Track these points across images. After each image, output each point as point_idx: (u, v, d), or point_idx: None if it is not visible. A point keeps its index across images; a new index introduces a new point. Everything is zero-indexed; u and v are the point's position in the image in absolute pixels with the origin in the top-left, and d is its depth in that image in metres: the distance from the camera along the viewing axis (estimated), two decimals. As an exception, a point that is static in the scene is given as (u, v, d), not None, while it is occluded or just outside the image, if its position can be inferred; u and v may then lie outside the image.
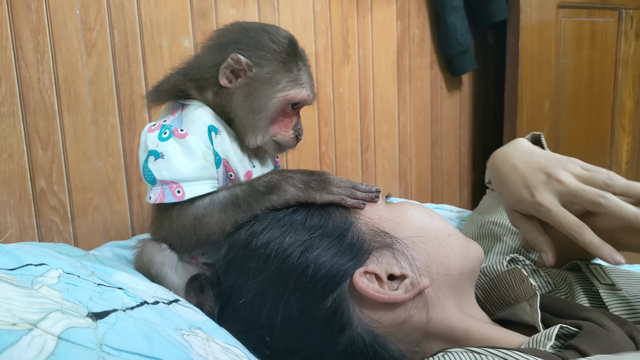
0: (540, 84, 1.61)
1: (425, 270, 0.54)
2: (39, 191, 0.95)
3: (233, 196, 0.57)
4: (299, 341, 0.52)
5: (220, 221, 0.57)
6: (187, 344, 0.42)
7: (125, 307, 0.43)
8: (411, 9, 1.52)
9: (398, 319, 0.52)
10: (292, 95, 0.61)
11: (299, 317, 0.51)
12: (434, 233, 0.57)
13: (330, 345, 0.52)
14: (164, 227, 0.59)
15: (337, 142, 1.41)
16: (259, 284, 0.53)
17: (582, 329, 0.48)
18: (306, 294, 0.51)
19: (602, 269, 0.64)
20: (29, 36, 0.92)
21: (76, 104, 0.98)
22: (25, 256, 0.46)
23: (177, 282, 0.58)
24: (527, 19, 1.55)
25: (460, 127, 1.71)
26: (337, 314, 0.51)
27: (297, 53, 0.62)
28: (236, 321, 0.54)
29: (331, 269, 0.52)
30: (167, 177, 0.57)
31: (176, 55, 1.08)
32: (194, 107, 0.61)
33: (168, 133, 0.58)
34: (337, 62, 1.38)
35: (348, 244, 0.54)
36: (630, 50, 1.79)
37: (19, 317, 0.33)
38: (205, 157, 0.59)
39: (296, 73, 0.62)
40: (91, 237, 1.02)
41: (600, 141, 1.79)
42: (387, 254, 0.54)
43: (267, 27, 0.62)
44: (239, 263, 0.55)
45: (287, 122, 0.64)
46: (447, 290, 0.55)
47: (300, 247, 0.53)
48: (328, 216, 0.56)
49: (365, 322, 0.52)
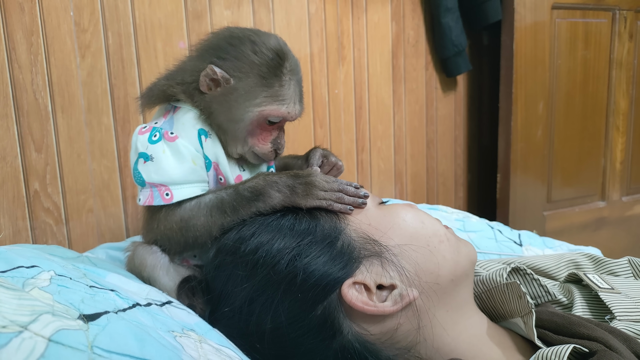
0: (535, 84, 1.61)
1: (415, 279, 0.54)
2: (32, 193, 0.95)
3: (219, 200, 0.57)
4: (289, 348, 0.52)
5: (207, 224, 0.57)
6: (179, 345, 0.42)
7: (117, 309, 0.43)
8: (406, 10, 1.53)
9: (387, 329, 0.52)
10: (268, 112, 0.59)
11: (288, 326, 0.51)
12: (425, 240, 0.56)
13: (320, 352, 0.52)
14: (153, 229, 0.59)
15: (333, 143, 1.41)
16: (247, 291, 0.53)
17: (596, 353, 0.48)
18: (295, 303, 0.51)
19: (600, 277, 0.64)
20: (22, 38, 0.92)
21: (70, 105, 0.98)
22: (16, 258, 0.45)
23: (169, 284, 0.58)
24: (521, 20, 1.56)
25: (455, 128, 1.71)
26: (327, 322, 0.51)
27: (281, 66, 0.59)
28: (226, 327, 0.54)
29: (320, 278, 0.51)
30: (156, 179, 0.57)
31: (170, 57, 1.08)
32: (185, 111, 0.61)
33: (158, 136, 0.58)
34: (332, 63, 1.38)
35: (338, 252, 0.53)
36: (624, 51, 1.80)
37: (9, 320, 0.33)
38: (195, 161, 0.59)
39: (277, 89, 0.58)
40: (85, 239, 1.01)
41: (594, 141, 1.80)
42: (376, 264, 0.54)
43: (256, 36, 0.60)
44: (227, 269, 0.55)
45: (265, 135, 0.61)
46: (438, 298, 0.55)
47: (289, 254, 0.52)
48: (317, 222, 0.56)
49: (355, 330, 0.52)
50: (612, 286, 0.62)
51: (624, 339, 0.51)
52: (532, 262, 0.76)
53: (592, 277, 0.65)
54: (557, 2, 1.63)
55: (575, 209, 1.80)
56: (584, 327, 0.53)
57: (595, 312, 0.61)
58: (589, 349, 0.49)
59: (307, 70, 1.33)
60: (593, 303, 0.63)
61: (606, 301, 0.59)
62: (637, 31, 1.82)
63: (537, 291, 0.66)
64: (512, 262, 0.76)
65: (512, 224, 1.60)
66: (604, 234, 1.86)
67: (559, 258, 0.76)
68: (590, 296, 0.64)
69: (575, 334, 0.53)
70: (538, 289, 0.66)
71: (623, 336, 0.52)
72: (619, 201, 1.89)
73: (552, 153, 1.71)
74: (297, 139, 1.33)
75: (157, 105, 0.65)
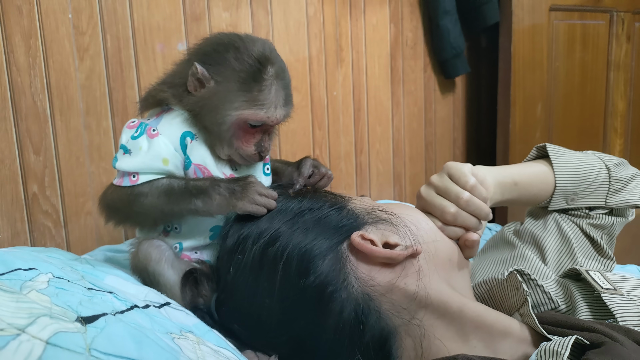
0: (533, 86, 1.62)
1: (419, 240, 0.57)
2: (31, 196, 0.95)
3: (170, 187, 0.61)
4: (296, 308, 0.54)
5: (152, 205, 0.60)
6: (177, 347, 0.42)
7: (115, 311, 0.43)
8: (404, 12, 1.53)
9: (392, 279, 0.54)
10: (246, 116, 0.60)
11: (296, 281, 0.54)
12: (424, 219, 0.62)
13: (324, 309, 0.53)
14: (106, 194, 0.63)
15: (331, 145, 1.41)
16: (255, 256, 0.57)
17: (603, 344, 0.48)
18: (302, 258, 0.54)
19: (603, 275, 0.64)
20: (20, 40, 0.92)
21: (68, 108, 0.98)
22: (14, 261, 0.45)
23: (174, 277, 0.60)
24: (519, 22, 1.56)
25: (454, 130, 1.71)
26: (331, 273, 0.53)
27: (261, 72, 0.60)
28: (235, 300, 0.57)
29: (325, 235, 0.56)
30: (126, 169, 0.61)
31: (169, 59, 1.07)
32: (176, 114, 0.63)
33: (140, 131, 0.61)
34: (330, 65, 1.38)
35: (342, 217, 0.59)
36: (622, 53, 1.81)
37: (6, 323, 0.33)
38: (169, 160, 0.61)
39: (255, 93, 0.60)
40: (84, 242, 1.01)
41: (592, 143, 1.80)
42: (382, 226, 0.58)
43: (241, 42, 0.61)
44: (236, 248, 0.59)
45: (248, 138, 0.63)
46: (438, 268, 0.57)
47: (294, 220, 0.58)
48: (322, 201, 0.61)
49: (361, 281, 0.54)
50: (614, 286, 0.62)
51: (625, 331, 0.52)
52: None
53: (593, 274, 0.64)
54: (554, 4, 1.63)
55: (574, 210, 1.80)
56: (585, 322, 0.54)
57: (596, 314, 0.61)
58: (591, 341, 0.49)
59: (306, 73, 1.34)
60: (594, 305, 0.62)
61: (608, 303, 0.59)
62: (634, 33, 1.83)
63: (541, 298, 0.66)
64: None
65: (510, 226, 1.60)
66: (603, 235, 1.86)
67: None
68: (592, 297, 0.63)
69: (576, 326, 0.53)
70: (541, 295, 0.66)
71: (624, 329, 0.52)
72: (617, 202, 1.89)
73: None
74: (295, 141, 1.33)
75: (152, 109, 0.67)
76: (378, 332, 0.53)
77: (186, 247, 0.65)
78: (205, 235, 0.65)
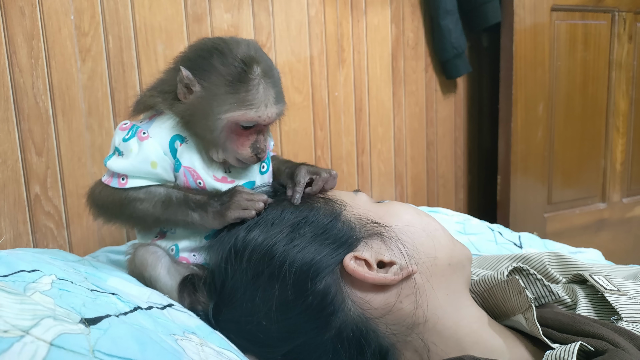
0: (535, 86, 1.62)
1: (414, 256, 0.56)
2: (33, 197, 0.95)
3: (168, 197, 0.61)
4: (294, 326, 0.54)
5: (146, 211, 0.61)
6: (180, 349, 0.42)
7: (118, 312, 0.43)
8: (405, 12, 1.53)
9: (388, 302, 0.54)
10: (236, 117, 0.59)
11: (293, 300, 0.53)
12: (421, 226, 0.60)
13: (323, 328, 0.53)
14: (94, 193, 0.64)
15: (333, 146, 1.41)
16: (252, 270, 0.56)
17: (603, 353, 0.48)
18: (299, 277, 0.53)
19: (606, 279, 0.64)
20: (22, 41, 0.92)
21: (70, 109, 0.98)
22: (18, 262, 0.45)
23: (170, 283, 0.60)
24: (521, 22, 1.56)
25: (455, 130, 1.71)
26: (329, 295, 0.53)
27: (247, 72, 0.59)
28: (232, 310, 0.56)
29: (322, 254, 0.54)
30: (117, 170, 0.62)
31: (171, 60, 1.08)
32: (167, 117, 0.63)
33: (131, 134, 0.62)
34: (332, 65, 1.38)
35: (338, 232, 0.57)
36: (624, 52, 1.80)
37: (10, 324, 0.33)
38: (157, 163, 0.61)
39: (243, 94, 0.59)
40: (86, 243, 1.02)
41: (594, 143, 1.80)
42: (376, 242, 0.56)
43: (225, 45, 0.61)
44: (232, 258, 0.58)
45: (243, 140, 0.62)
46: (436, 280, 0.56)
47: (291, 234, 0.56)
48: (315, 211, 0.59)
49: (357, 304, 0.54)
50: (618, 288, 0.62)
51: (630, 337, 0.51)
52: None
53: (597, 278, 0.65)
54: (556, 4, 1.63)
55: (576, 210, 1.80)
56: (589, 326, 0.53)
57: (600, 313, 0.61)
58: (595, 348, 0.49)
59: (307, 73, 1.34)
60: (598, 304, 0.62)
61: (612, 302, 0.59)
62: (636, 32, 1.83)
63: (541, 291, 0.66)
64: (513, 257, 0.77)
65: (512, 226, 1.60)
66: (605, 235, 1.85)
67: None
68: (596, 297, 0.63)
69: (580, 332, 0.53)
70: (541, 288, 0.66)
71: (629, 335, 0.52)
72: (619, 202, 1.89)
73: (552, 154, 1.71)
74: (297, 142, 1.34)
75: (143, 113, 0.67)
76: (377, 349, 0.53)
77: (182, 248, 0.64)
78: (201, 236, 0.65)
